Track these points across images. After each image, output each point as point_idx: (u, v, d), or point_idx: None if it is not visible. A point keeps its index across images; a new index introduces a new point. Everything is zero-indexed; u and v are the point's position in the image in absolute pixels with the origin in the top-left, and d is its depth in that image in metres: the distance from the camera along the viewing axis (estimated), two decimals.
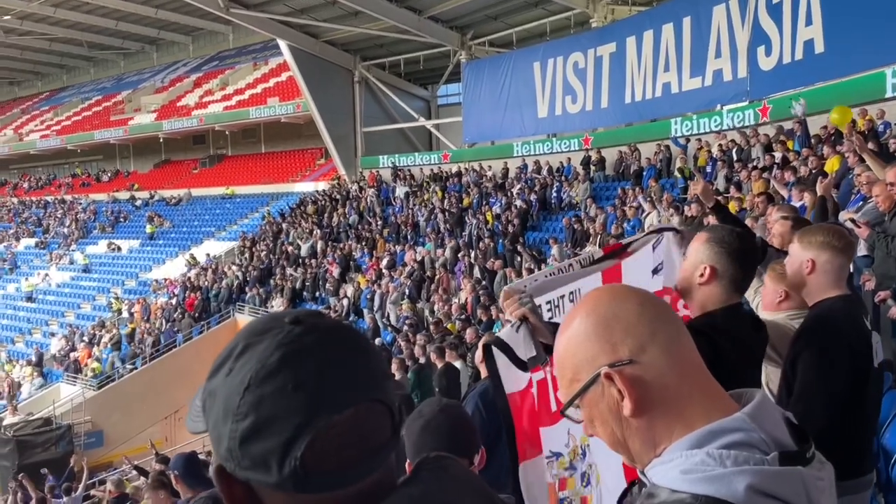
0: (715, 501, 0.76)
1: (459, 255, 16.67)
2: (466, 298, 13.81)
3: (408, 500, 0.73)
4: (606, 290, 1.01)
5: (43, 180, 42.12)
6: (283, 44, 24.24)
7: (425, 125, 27.58)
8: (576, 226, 15.61)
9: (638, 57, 18.69)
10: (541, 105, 21.44)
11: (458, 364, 8.13)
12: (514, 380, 2.23)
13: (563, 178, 19.17)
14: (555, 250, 14.51)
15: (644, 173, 17.15)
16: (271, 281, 20.23)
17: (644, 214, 13.48)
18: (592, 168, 19.01)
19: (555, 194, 18.60)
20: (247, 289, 20.24)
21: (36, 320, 24.94)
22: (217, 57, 39.29)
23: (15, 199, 40.31)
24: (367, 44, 25.90)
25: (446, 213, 19.32)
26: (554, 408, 2.19)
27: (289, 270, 20.21)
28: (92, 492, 10.85)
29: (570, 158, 20.03)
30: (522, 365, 2.09)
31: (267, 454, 0.68)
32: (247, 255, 22.63)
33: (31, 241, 32.84)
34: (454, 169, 23.01)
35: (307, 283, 19.31)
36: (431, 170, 23.86)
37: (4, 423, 17.33)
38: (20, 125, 44.76)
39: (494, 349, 2.15)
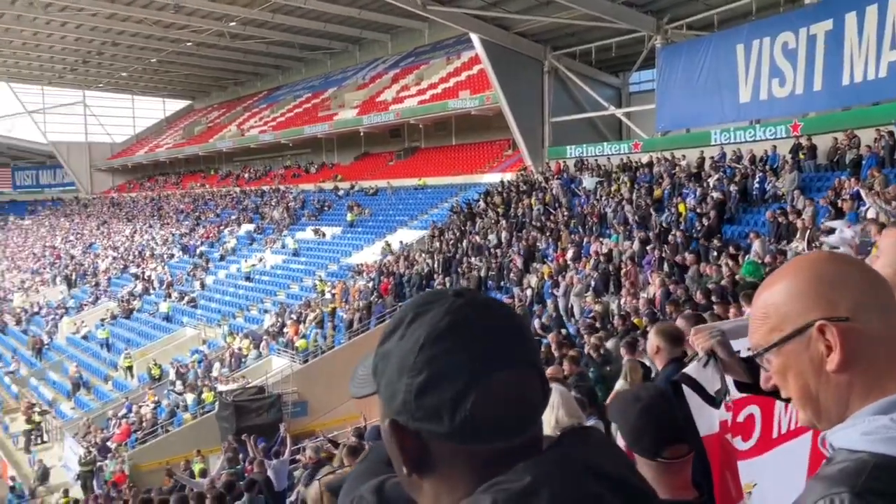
0: (893, 460, 0.80)
1: (648, 248, 16.12)
2: (655, 293, 13.33)
3: (555, 458, 0.78)
4: (823, 254, 1.04)
5: (260, 172, 46.64)
6: (475, 37, 24.75)
7: (615, 113, 26.88)
8: (780, 219, 14.46)
9: (859, 34, 16.80)
10: (743, 90, 20.00)
11: (646, 360, 7.90)
12: (707, 421, 2.15)
13: (766, 167, 17.81)
14: (756, 245, 13.54)
15: (863, 162, 15.46)
16: (458, 269, 20.86)
17: (865, 208, 12.18)
18: (801, 156, 17.47)
19: (757, 185, 17.33)
20: (435, 276, 21.06)
21: (253, 297, 27.74)
22: (413, 53, 41.03)
23: (237, 189, 45.01)
24: (557, 33, 25.72)
25: (635, 204, 18.74)
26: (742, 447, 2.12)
27: (474, 260, 20.73)
28: (297, 456, 11.91)
29: (775, 146, 18.54)
30: (712, 400, 1.99)
31: (439, 406, 0.77)
32: (436, 243, 23.51)
33: (251, 227, 36.54)
34: (644, 158, 22.23)
35: (492, 273, 19.69)
36: (620, 159, 23.24)
37: (225, 388, 19.55)
38: (242, 122, 49.82)
39: (685, 388, 2.05)
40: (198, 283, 31.16)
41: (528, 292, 17.46)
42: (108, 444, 19.34)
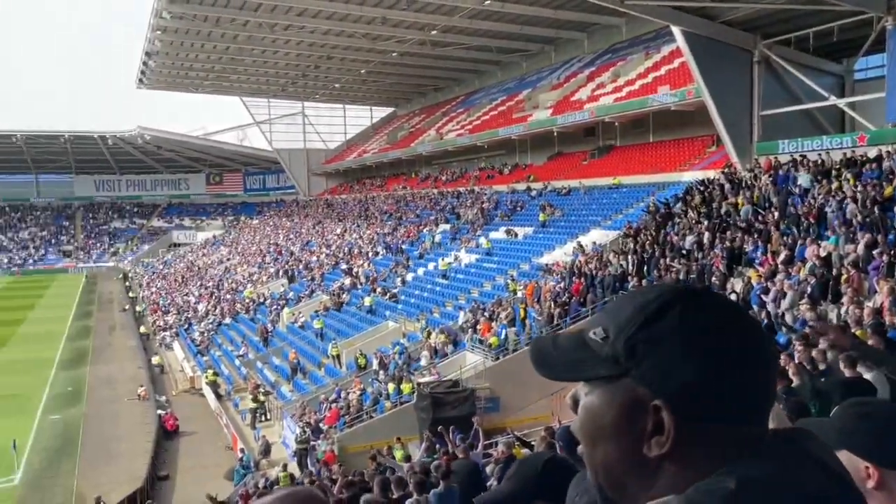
0: None
1: (875, 253, 14.49)
2: (882, 302, 11.97)
3: (794, 451, 0.83)
4: None
5: (457, 173, 48.24)
6: (676, 30, 23.73)
7: (837, 104, 24.41)
8: None
9: None
10: None
11: (868, 376, 7.17)
12: None
13: None
14: None
15: None
16: (654, 272, 20.15)
17: None
18: None
19: None
20: (629, 278, 20.52)
21: (449, 294, 28.84)
22: (610, 50, 40.19)
23: (435, 191, 46.93)
24: (769, 20, 23.89)
25: (860, 203, 16.91)
26: None
27: (672, 262, 19.88)
28: (490, 451, 12.26)
29: None
30: None
31: (721, 392, 0.82)
32: (630, 244, 22.89)
33: (447, 227, 37.96)
34: (872, 152, 19.97)
35: (691, 276, 18.77)
36: (843, 154, 21.06)
37: (423, 380, 20.53)
38: (441, 126, 51.79)
39: None
40: (399, 280, 32.99)
41: (733, 297, 16.44)
42: (321, 425, 21.11)
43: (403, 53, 46.31)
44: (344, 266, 39.56)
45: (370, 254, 40.08)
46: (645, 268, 20.61)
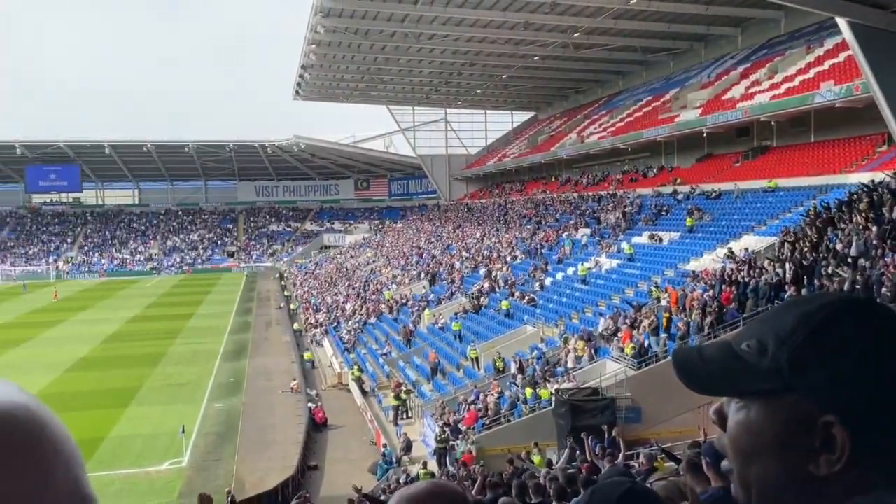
0: None
1: None
2: None
3: None
4: None
5: (598, 177, 47.35)
6: (842, 21, 21.96)
7: None
8: None
9: None
10: None
11: None
12: None
13: None
14: None
15: None
16: (814, 280, 18.77)
17: None
18: None
19: None
20: (786, 287, 19.25)
21: (588, 300, 28.39)
22: (766, 45, 37.94)
23: (575, 195, 46.34)
24: None
25: None
26: None
27: (835, 270, 18.43)
28: (630, 462, 11.98)
29: None
30: None
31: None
32: (787, 251, 21.46)
33: (587, 231, 37.37)
34: None
35: (857, 286, 17.30)
36: None
37: (561, 387, 20.36)
38: (582, 129, 51.09)
39: None
40: (537, 284, 32.90)
41: None
42: (459, 426, 21.51)
43: (545, 57, 46.19)
44: (483, 269, 40.01)
45: (509, 258, 40.26)
46: (804, 277, 19.25)
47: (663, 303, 23.21)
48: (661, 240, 30.59)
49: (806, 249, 20.56)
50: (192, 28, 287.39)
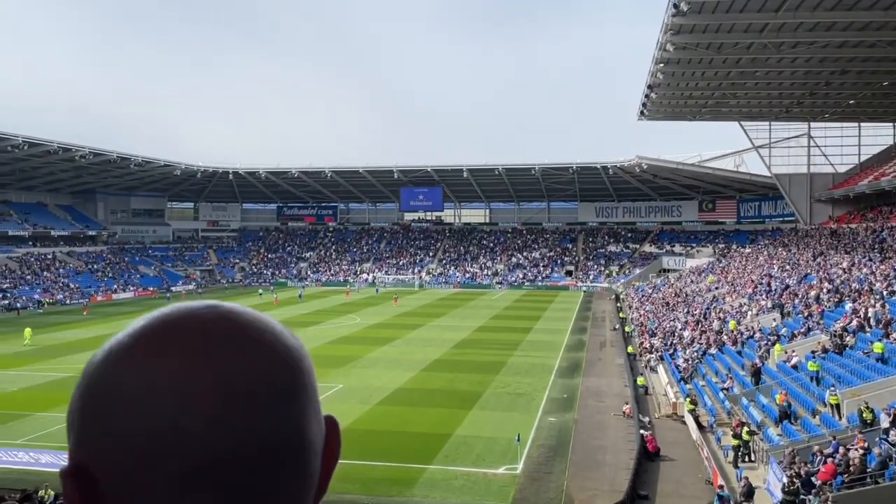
0: None
1: None
2: None
3: None
4: None
5: None
6: None
7: None
8: None
9: None
10: None
11: None
12: None
13: None
14: None
15: None
16: None
17: None
18: None
19: None
20: None
21: None
22: None
23: None
24: None
25: None
26: None
27: None
28: None
29: None
30: None
31: None
32: None
33: None
34: None
35: None
36: None
37: None
38: None
39: None
40: None
41: None
42: (813, 479, 18.99)
43: None
44: (849, 304, 34.90)
45: (885, 292, 34.49)
46: None
47: None
48: None
49: None
50: (536, 55, 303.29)
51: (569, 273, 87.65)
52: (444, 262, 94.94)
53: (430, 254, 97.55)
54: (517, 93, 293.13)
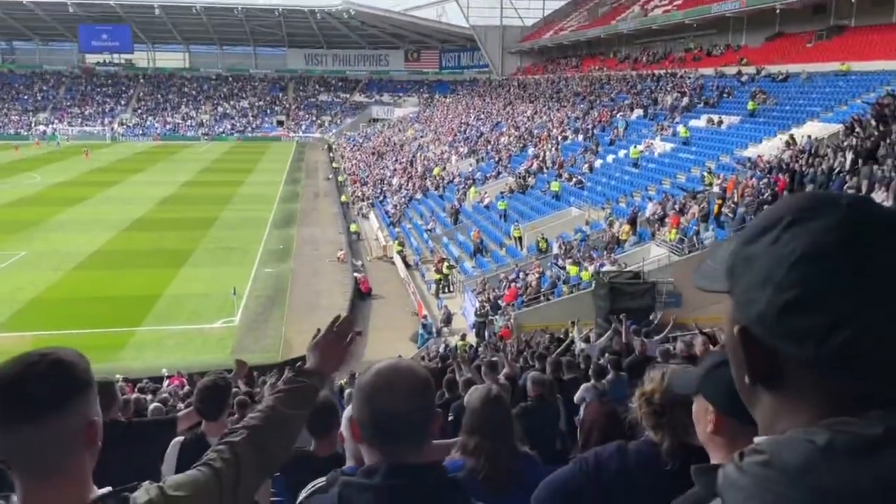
0: None
1: None
2: None
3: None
4: None
5: (659, 54, 45.10)
6: None
7: None
8: None
9: None
10: None
11: None
12: None
13: None
14: None
15: None
16: (873, 172, 17.94)
17: None
18: None
19: None
20: (845, 178, 18.49)
21: (638, 184, 27.85)
22: None
23: (633, 73, 44.39)
24: None
25: None
26: None
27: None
28: (667, 345, 12.12)
29: None
30: None
31: (806, 331, 0.68)
32: (852, 140, 20.43)
33: (641, 112, 36.07)
34: None
35: None
36: None
37: (603, 269, 20.42)
38: (647, 1, 48.17)
39: None
40: (586, 166, 32.30)
41: None
42: (499, 302, 21.96)
43: None
44: (531, 149, 39.33)
45: (559, 137, 39.38)
46: (863, 167, 18.39)
47: (716, 189, 22.62)
48: (719, 123, 29.40)
49: (870, 139, 19.51)
50: None
51: (280, 123, 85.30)
52: (139, 111, 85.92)
53: (123, 102, 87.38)
54: None
